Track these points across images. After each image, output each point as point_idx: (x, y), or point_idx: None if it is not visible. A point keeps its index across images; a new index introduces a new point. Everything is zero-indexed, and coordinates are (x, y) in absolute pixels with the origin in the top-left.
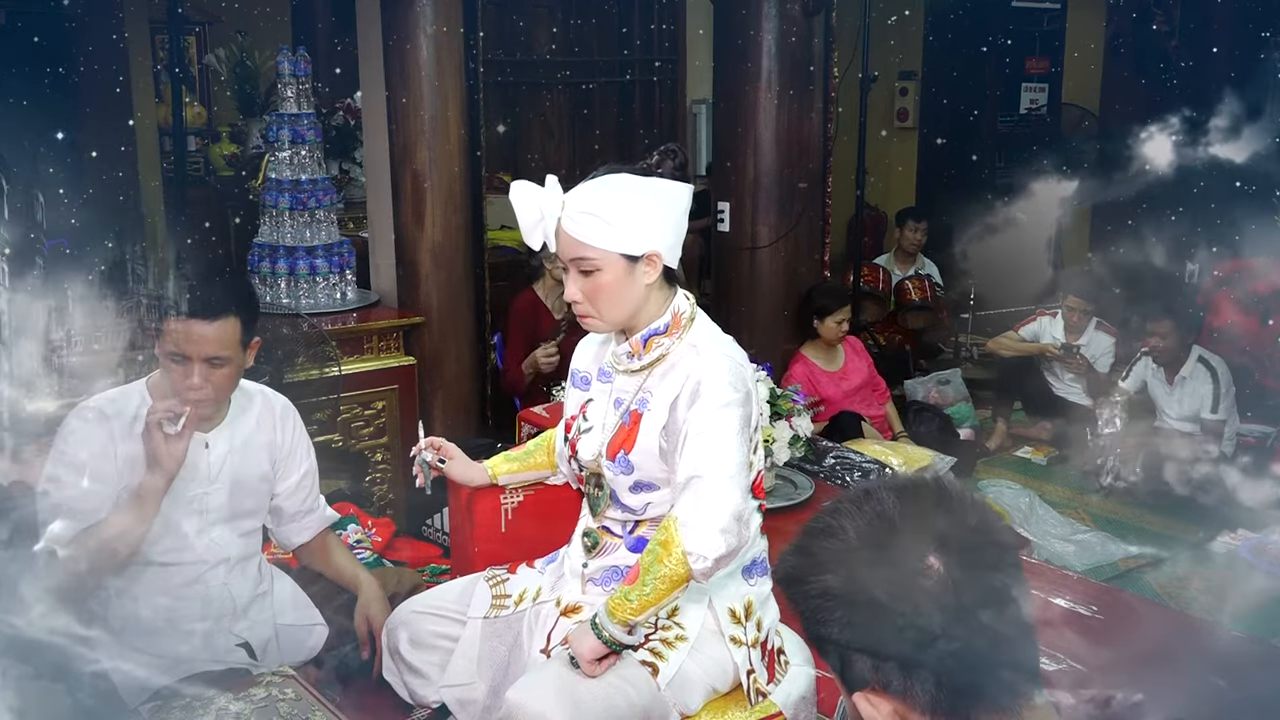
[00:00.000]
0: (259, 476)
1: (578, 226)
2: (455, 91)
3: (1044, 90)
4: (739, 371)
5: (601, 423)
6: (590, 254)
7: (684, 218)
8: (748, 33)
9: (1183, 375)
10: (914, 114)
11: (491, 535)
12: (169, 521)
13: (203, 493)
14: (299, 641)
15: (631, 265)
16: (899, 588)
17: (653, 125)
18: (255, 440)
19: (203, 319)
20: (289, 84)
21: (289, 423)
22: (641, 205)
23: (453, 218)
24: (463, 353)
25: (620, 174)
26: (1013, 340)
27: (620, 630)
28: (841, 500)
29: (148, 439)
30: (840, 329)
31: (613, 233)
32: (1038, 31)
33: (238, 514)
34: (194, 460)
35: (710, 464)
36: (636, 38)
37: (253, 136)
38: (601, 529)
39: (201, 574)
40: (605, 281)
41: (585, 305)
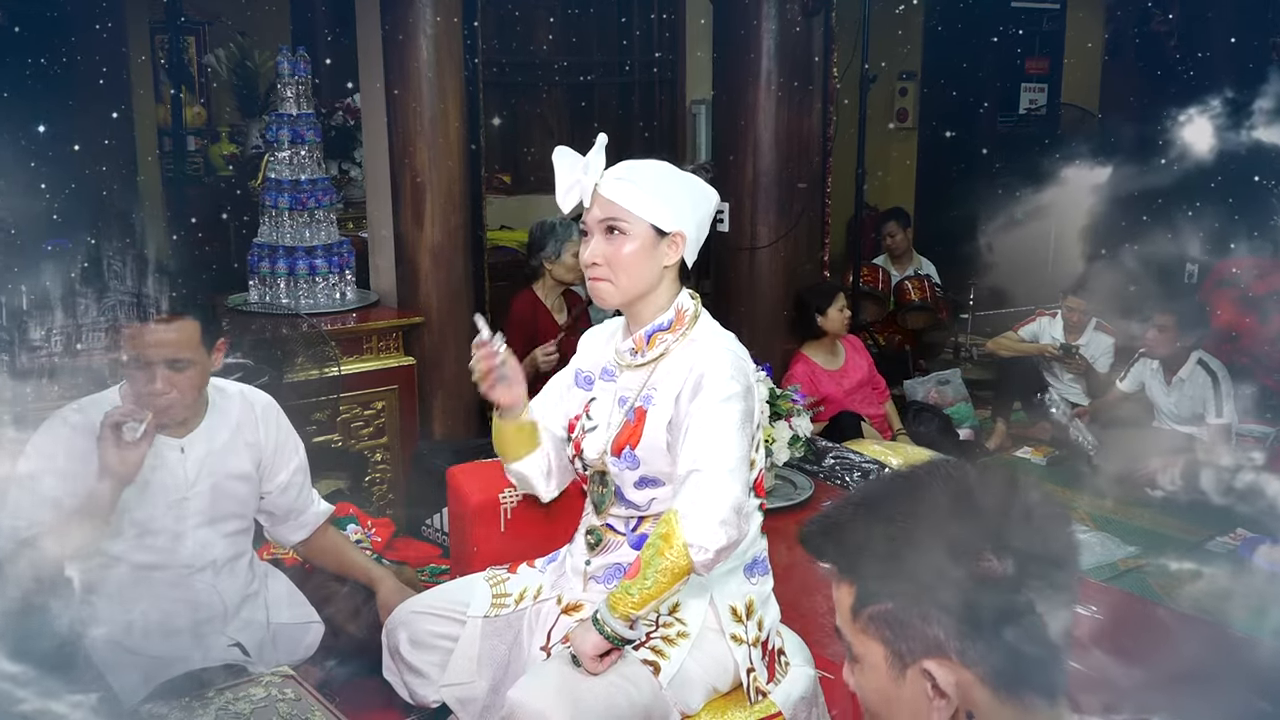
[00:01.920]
0: (240, 477)
1: (616, 189)
2: (455, 91)
3: (1043, 90)
4: (740, 365)
5: (606, 420)
6: (623, 216)
7: (708, 220)
8: (747, 32)
9: (1180, 377)
10: (914, 114)
11: (491, 535)
12: (151, 527)
13: (182, 497)
14: (296, 640)
15: (658, 239)
16: (988, 558)
17: (652, 125)
18: (235, 441)
19: (158, 321)
20: (288, 84)
21: (271, 421)
22: (677, 187)
23: (452, 218)
24: (462, 353)
25: (662, 161)
26: (1012, 340)
27: (622, 624)
28: (936, 465)
29: (100, 444)
30: (843, 316)
31: (649, 201)
32: (1037, 31)
33: (221, 516)
34: (171, 465)
35: (710, 457)
36: (636, 37)
37: (252, 136)
38: (605, 526)
39: (187, 577)
40: (630, 249)
41: (604, 269)
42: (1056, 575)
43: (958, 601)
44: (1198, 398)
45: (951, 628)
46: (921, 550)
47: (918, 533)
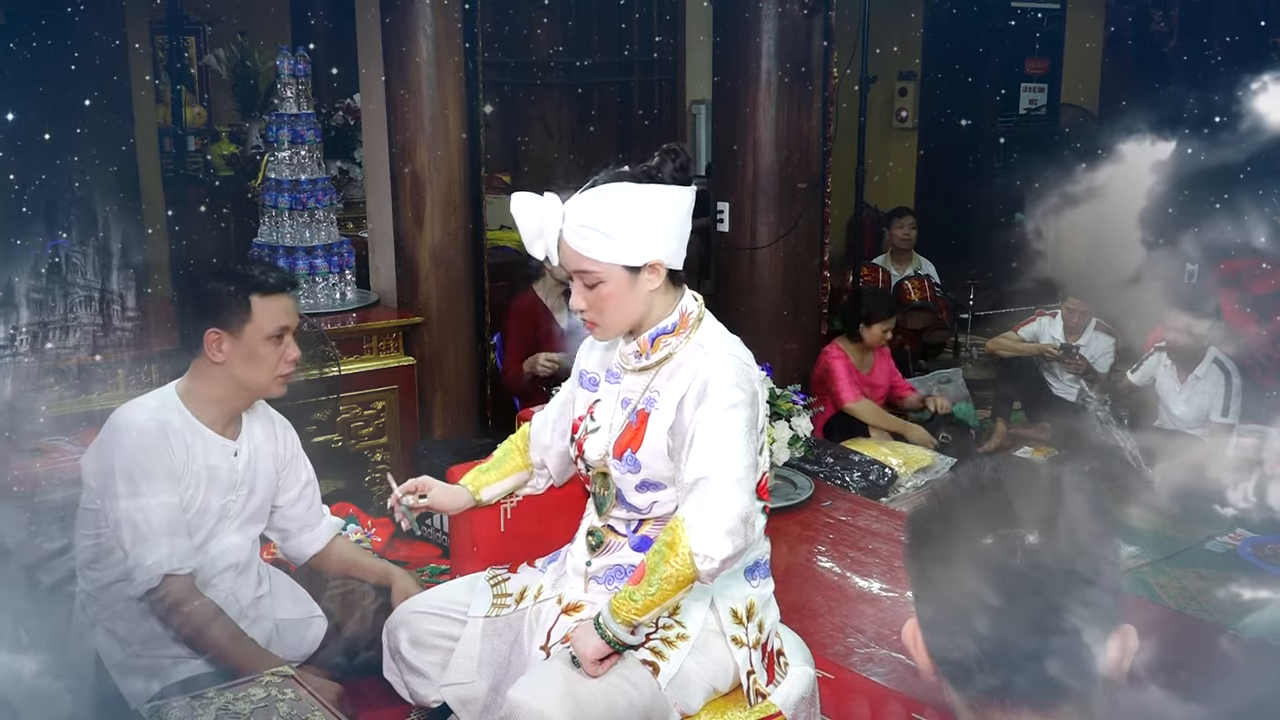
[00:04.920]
0: (270, 482)
1: (579, 240)
2: (455, 91)
3: (1043, 90)
4: (746, 372)
5: (609, 422)
6: (592, 267)
7: (686, 221)
8: (747, 33)
9: (1196, 375)
10: (913, 114)
11: (491, 535)
12: (195, 528)
13: (232, 500)
14: (299, 634)
15: (634, 275)
16: None
17: (652, 125)
18: (265, 448)
19: (285, 293)
20: (288, 84)
21: (289, 435)
22: (641, 216)
23: (452, 218)
24: (462, 353)
25: (621, 182)
26: (1012, 340)
27: (623, 630)
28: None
29: None
30: (884, 337)
31: (613, 246)
32: (1037, 32)
33: (253, 519)
34: (225, 468)
35: (717, 466)
36: (636, 38)
37: (252, 136)
38: (606, 528)
39: (210, 579)
40: (608, 293)
41: (591, 314)
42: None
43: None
44: (1210, 396)
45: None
46: None
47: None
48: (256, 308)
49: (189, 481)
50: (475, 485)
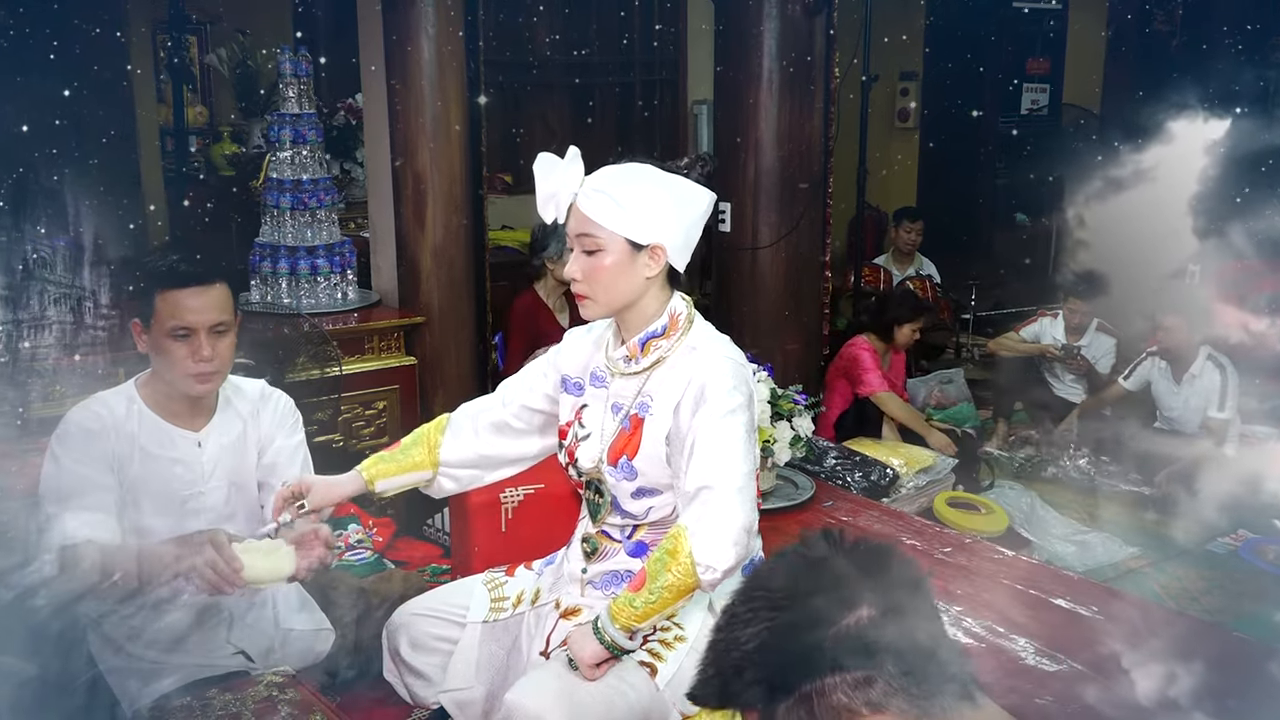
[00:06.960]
0: (250, 475)
1: (589, 203)
2: (456, 91)
3: (1045, 90)
4: (741, 373)
5: (600, 429)
6: (596, 232)
7: (699, 222)
8: (749, 33)
9: (1192, 374)
10: (915, 114)
11: (491, 535)
12: (160, 525)
13: (198, 492)
14: (306, 645)
15: (635, 253)
16: None
17: (654, 125)
18: (244, 437)
19: (200, 285)
20: (290, 84)
21: (270, 404)
22: (657, 197)
23: (454, 218)
24: (463, 353)
25: (645, 165)
26: (1013, 341)
27: (621, 635)
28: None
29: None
30: (912, 337)
31: (622, 215)
32: (1038, 32)
33: (231, 515)
34: (189, 460)
35: (720, 475)
36: (637, 38)
37: (254, 136)
38: (601, 534)
39: None
40: (606, 264)
41: (583, 285)
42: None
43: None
44: (1208, 394)
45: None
46: None
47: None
48: (158, 303)
49: (131, 469)
50: (372, 474)
